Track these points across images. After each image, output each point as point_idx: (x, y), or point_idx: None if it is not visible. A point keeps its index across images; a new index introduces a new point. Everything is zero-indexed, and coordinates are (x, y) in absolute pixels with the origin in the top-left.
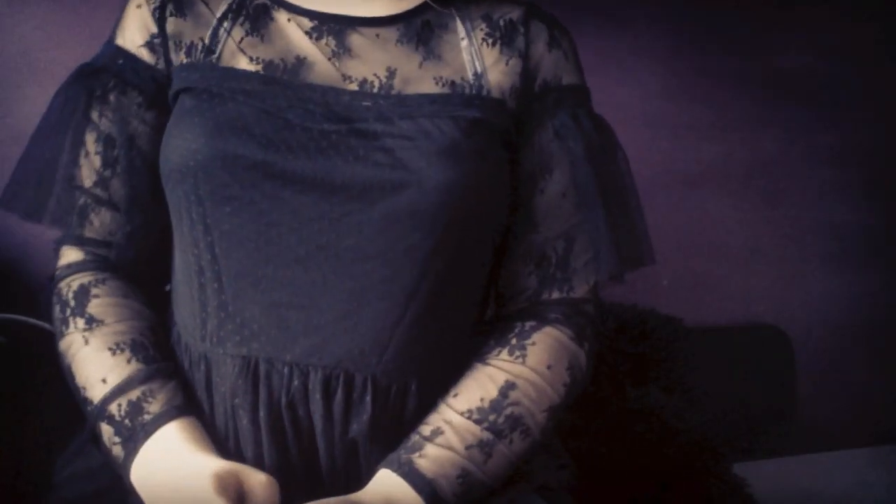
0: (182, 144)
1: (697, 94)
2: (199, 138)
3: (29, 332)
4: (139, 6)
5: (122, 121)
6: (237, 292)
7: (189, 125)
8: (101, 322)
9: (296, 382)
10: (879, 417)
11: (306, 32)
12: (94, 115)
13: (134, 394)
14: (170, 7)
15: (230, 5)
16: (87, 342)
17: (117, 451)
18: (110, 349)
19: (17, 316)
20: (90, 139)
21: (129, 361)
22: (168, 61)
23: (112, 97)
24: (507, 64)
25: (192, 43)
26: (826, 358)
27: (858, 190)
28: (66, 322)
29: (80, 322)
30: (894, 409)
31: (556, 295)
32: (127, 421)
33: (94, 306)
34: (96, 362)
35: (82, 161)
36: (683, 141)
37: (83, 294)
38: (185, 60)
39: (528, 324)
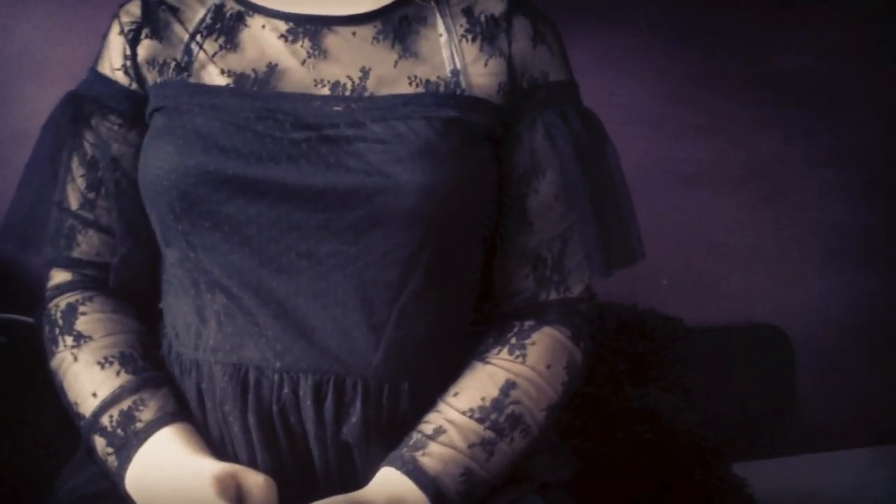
0: (155, 163)
1: (697, 94)
2: (170, 157)
3: (29, 332)
4: (118, 32)
5: (104, 144)
6: (226, 303)
7: (160, 144)
8: (88, 338)
9: (286, 389)
10: (879, 417)
11: (282, 36)
12: (78, 141)
13: (125, 404)
14: (145, 30)
15: (203, 19)
16: (76, 359)
17: (112, 461)
18: (99, 363)
19: (17, 316)
20: (75, 163)
21: (118, 374)
22: (142, 82)
23: (93, 122)
24: (486, 63)
25: (164, 62)
26: (826, 358)
27: (858, 190)
28: (55, 341)
29: (69, 339)
30: (894, 409)
31: (553, 296)
32: (119, 430)
33: (82, 323)
34: (86, 377)
35: (69, 185)
36: (683, 141)
37: (70, 312)
38: (158, 80)
39: (527, 323)
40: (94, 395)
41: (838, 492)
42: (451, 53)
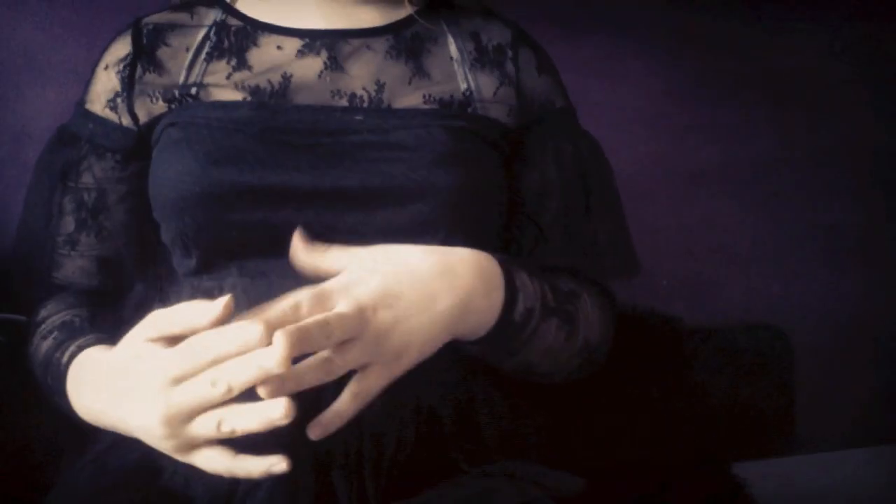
0: (174, 177)
1: (698, 94)
2: (191, 171)
3: (28, 332)
4: (106, 67)
5: (96, 185)
6: (249, 303)
7: (179, 157)
8: (42, 321)
9: None
10: (879, 417)
11: (299, 51)
12: (70, 181)
13: (60, 350)
14: (140, 63)
15: (206, 37)
16: (31, 342)
17: (58, 391)
18: (43, 337)
19: (17, 316)
20: (65, 203)
21: (55, 340)
22: (137, 118)
23: (87, 163)
24: (496, 92)
25: (168, 88)
26: (826, 358)
27: (858, 190)
28: (28, 342)
29: (33, 330)
30: (894, 409)
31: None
32: (56, 372)
33: (41, 314)
34: (35, 352)
35: (58, 223)
36: (683, 141)
37: (37, 310)
38: (164, 108)
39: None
40: (39, 363)
41: (838, 492)
42: (464, 76)
